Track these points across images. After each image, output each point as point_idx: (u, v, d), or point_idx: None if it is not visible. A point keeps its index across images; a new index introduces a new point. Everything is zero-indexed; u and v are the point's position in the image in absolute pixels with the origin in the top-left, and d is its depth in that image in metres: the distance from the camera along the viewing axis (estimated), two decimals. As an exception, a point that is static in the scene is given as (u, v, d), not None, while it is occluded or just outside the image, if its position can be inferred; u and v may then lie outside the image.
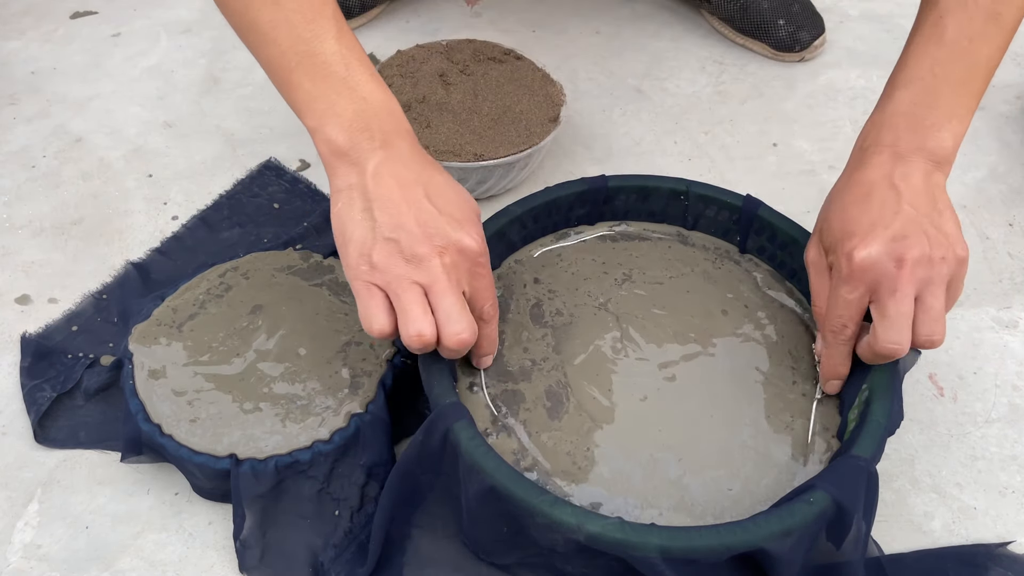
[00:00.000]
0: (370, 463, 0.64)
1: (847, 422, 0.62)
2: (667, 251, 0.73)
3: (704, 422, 0.62)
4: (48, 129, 0.96)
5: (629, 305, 0.69)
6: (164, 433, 0.62)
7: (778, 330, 0.67)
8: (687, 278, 0.71)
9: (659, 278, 0.71)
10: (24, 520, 0.65)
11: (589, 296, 0.69)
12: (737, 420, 0.63)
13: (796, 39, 1.04)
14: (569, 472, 0.60)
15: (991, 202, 0.90)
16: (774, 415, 0.63)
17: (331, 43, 0.57)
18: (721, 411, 0.63)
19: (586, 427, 0.61)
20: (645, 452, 0.60)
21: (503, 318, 0.67)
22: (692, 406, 0.63)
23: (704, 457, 0.61)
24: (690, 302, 0.69)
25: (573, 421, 0.62)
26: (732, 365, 0.65)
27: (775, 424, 0.62)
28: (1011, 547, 0.64)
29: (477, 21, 1.12)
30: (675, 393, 0.64)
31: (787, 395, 0.64)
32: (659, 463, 0.60)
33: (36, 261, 0.83)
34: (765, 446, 0.61)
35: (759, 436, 0.62)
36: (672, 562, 0.52)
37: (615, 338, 0.66)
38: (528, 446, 0.61)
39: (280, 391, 0.65)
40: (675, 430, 0.62)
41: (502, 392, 0.63)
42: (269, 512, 0.62)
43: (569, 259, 0.72)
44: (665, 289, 0.70)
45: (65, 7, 1.13)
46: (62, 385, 0.70)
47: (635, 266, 0.72)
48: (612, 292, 0.70)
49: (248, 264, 0.74)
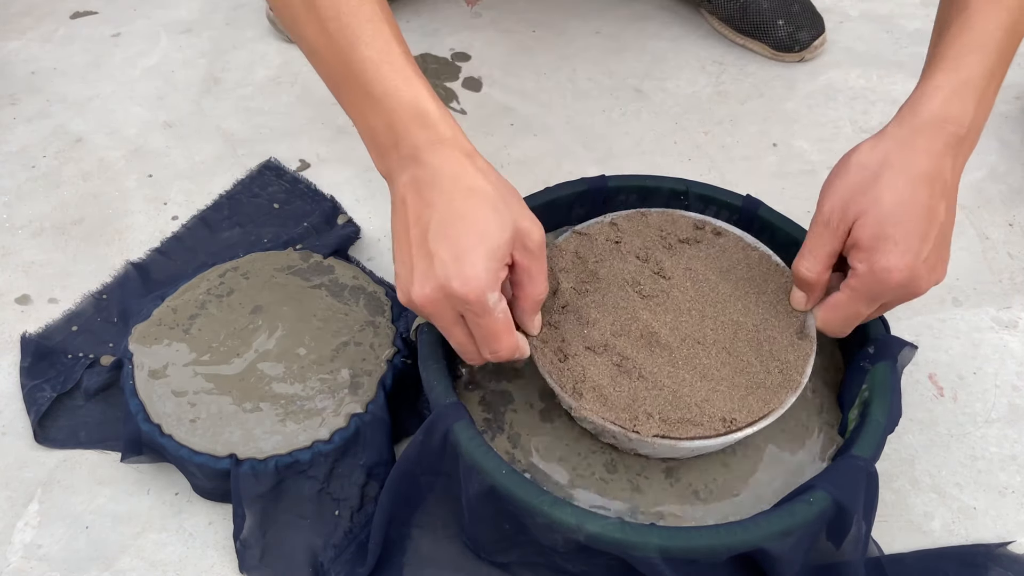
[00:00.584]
0: (370, 463, 0.64)
1: (847, 421, 0.62)
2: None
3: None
4: (48, 129, 0.96)
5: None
6: (164, 433, 0.62)
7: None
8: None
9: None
10: (24, 520, 0.65)
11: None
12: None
13: (796, 39, 1.04)
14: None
15: (991, 202, 0.90)
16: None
17: (362, 50, 0.54)
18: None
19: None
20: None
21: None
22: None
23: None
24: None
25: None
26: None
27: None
28: (1011, 547, 0.64)
29: (477, 21, 1.12)
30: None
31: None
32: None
33: (36, 261, 0.83)
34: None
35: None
36: (672, 562, 0.52)
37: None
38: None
39: (280, 391, 0.65)
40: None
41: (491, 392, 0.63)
42: (269, 512, 0.62)
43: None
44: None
45: (65, 7, 1.13)
46: (62, 385, 0.70)
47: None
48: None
49: (248, 264, 0.74)
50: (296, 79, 1.02)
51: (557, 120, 0.99)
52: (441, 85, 1.03)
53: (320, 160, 0.93)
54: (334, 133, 0.96)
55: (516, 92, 1.02)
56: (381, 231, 0.85)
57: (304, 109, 0.99)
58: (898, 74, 1.05)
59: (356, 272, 0.74)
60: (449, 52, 1.07)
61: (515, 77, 1.04)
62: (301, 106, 0.99)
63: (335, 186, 0.89)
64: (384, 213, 0.87)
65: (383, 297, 0.72)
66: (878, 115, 1.00)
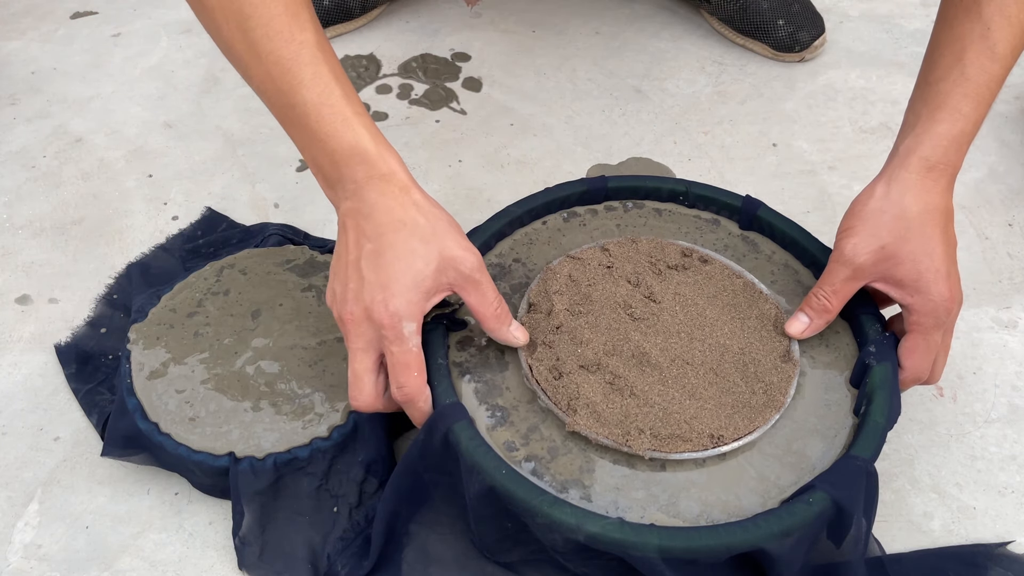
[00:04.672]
0: (368, 460, 0.64)
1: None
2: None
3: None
4: (48, 129, 0.96)
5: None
6: (162, 431, 0.62)
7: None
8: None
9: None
10: (24, 520, 0.65)
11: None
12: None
13: (796, 39, 1.04)
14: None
15: (990, 202, 0.90)
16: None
17: (303, 93, 0.57)
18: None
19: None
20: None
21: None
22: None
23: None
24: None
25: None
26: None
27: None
28: (1011, 547, 0.64)
29: (477, 21, 1.12)
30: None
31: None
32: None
33: (36, 261, 0.83)
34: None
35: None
36: (672, 562, 0.52)
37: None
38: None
39: (278, 388, 0.65)
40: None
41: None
42: (268, 509, 0.62)
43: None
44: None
45: (65, 7, 1.13)
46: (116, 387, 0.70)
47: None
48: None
49: (245, 260, 0.74)
50: (296, 79, 1.02)
51: (557, 120, 0.99)
52: (441, 85, 1.03)
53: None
54: (334, 133, 0.96)
55: (516, 92, 1.02)
56: (381, 231, 0.85)
57: (304, 109, 0.99)
58: (898, 74, 1.05)
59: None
60: (449, 52, 1.07)
61: (515, 77, 1.04)
62: (301, 106, 0.99)
63: (335, 186, 0.89)
64: (384, 213, 0.87)
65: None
66: (877, 115, 1.00)
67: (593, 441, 0.58)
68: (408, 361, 0.57)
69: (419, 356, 0.57)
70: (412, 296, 0.56)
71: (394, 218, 0.57)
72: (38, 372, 0.74)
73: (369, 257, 0.57)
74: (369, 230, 0.57)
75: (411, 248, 0.57)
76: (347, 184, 0.58)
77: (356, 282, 0.57)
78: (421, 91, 1.02)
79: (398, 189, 0.58)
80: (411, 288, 0.56)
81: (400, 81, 1.03)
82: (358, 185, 0.58)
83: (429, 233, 0.57)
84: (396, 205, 0.57)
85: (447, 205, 0.87)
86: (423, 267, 0.57)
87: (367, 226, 0.57)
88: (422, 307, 0.57)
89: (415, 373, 0.57)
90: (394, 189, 0.58)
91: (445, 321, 0.63)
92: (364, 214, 0.57)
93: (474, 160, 0.94)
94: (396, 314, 0.55)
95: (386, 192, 0.58)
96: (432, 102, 1.01)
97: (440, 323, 0.63)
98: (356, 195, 0.58)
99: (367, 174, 0.58)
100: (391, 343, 0.56)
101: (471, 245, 0.59)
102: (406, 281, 0.56)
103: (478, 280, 0.58)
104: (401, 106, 1.00)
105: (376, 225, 0.57)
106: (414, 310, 0.56)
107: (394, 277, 0.56)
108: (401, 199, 0.58)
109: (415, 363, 0.57)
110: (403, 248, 0.57)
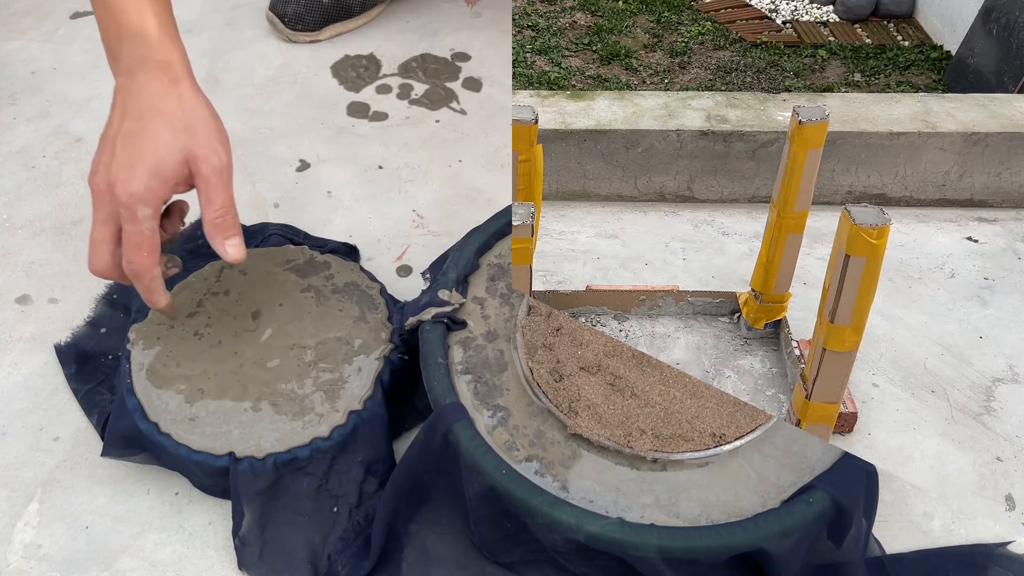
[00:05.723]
0: (368, 460, 0.64)
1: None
2: None
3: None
4: (48, 129, 0.96)
5: None
6: (162, 431, 0.62)
7: None
8: None
9: None
10: (24, 520, 0.65)
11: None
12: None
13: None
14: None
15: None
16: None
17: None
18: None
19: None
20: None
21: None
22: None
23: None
24: None
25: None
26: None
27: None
28: (1011, 547, 0.64)
29: (477, 21, 1.12)
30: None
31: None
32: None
33: (36, 261, 0.83)
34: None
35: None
36: (672, 562, 0.52)
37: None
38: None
39: (278, 389, 0.65)
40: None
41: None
42: (268, 509, 0.62)
43: None
44: None
45: (65, 7, 1.13)
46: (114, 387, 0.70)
47: None
48: None
49: (245, 260, 0.73)
50: (296, 79, 1.02)
51: (557, 120, 0.99)
52: (441, 85, 1.03)
53: (320, 160, 0.93)
54: (334, 133, 0.96)
55: (516, 92, 1.02)
56: (380, 231, 0.85)
57: (304, 109, 0.99)
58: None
59: (353, 269, 0.74)
60: (449, 52, 1.07)
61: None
62: (301, 106, 0.99)
63: (335, 186, 0.89)
64: (384, 214, 0.87)
65: (379, 295, 0.72)
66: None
67: (595, 443, 0.59)
68: (139, 242, 0.59)
69: (151, 238, 0.60)
70: (152, 183, 0.59)
71: (155, 105, 0.60)
72: (38, 372, 0.74)
73: (125, 136, 0.60)
74: (132, 110, 0.60)
75: (160, 137, 0.60)
76: (124, 61, 0.61)
77: (108, 156, 0.60)
78: (421, 91, 1.02)
79: (168, 79, 0.61)
80: (152, 175, 0.59)
81: (400, 81, 1.03)
82: (134, 65, 0.61)
83: (182, 127, 0.60)
84: (161, 93, 0.61)
85: (447, 205, 0.87)
86: (167, 156, 0.59)
87: (131, 106, 0.61)
88: (160, 194, 0.60)
89: (144, 253, 0.60)
90: (164, 77, 0.61)
91: (445, 321, 0.63)
92: (132, 94, 0.61)
93: (474, 160, 0.94)
94: (133, 195, 0.58)
95: (157, 79, 0.61)
96: (432, 102, 1.01)
97: (440, 323, 0.63)
98: (129, 74, 0.61)
99: (143, 56, 0.61)
100: (126, 221, 0.59)
101: (224, 149, 0.62)
102: (148, 167, 0.59)
103: (213, 183, 0.61)
104: (401, 106, 1.00)
105: (138, 107, 0.60)
106: (150, 196, 0.59)
107: (140, 160, 0.59)
108: (167, 88, 0.61)
109: (146, 244, 0.60)
110: (154, 135, 0.60)
